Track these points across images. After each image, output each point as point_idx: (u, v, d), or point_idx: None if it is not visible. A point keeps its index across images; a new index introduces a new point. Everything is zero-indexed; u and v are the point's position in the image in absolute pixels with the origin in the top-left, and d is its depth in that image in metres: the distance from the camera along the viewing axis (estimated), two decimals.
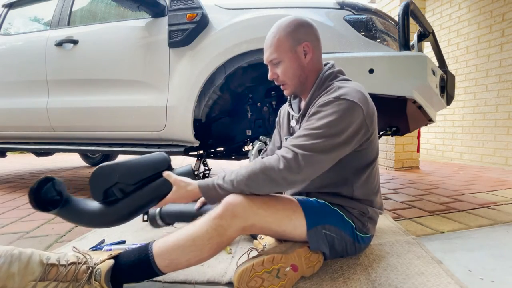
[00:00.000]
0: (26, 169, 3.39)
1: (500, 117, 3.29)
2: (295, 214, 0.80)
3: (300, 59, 0.87)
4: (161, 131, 1.70)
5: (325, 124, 0.76)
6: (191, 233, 0.72)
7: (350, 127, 0.76)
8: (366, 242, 0.91)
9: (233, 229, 0.73)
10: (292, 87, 0.91)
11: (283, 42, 0.86)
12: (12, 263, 0.63)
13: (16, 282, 0.62)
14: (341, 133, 0.76)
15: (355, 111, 0.77)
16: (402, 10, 1.29)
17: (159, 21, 1.68)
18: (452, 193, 1.90)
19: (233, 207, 0.73)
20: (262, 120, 1.75)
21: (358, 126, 0.78)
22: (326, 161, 0.76)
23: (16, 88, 2.07)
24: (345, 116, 0.76)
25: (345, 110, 0.76)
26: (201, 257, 0.72)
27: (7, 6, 2.33)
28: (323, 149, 0.75)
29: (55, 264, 0.67)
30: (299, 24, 0.87)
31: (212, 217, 0.73)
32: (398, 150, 3.09)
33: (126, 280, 0.71)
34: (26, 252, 0.66)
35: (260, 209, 0.75)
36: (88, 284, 0.66)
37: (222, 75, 1.53)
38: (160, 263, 0.70)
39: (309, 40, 0.87)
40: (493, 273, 0.84)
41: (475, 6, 3.54)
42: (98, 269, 0.68)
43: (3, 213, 1.55)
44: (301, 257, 0.78)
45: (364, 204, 0.88)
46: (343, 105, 0.76)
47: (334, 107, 0.77)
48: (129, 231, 1.20)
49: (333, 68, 0.90)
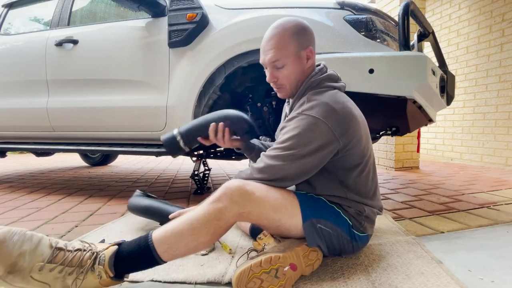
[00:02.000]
0: (26, 169, 3.40)
1: (500, 117, 3.29)
2: (291, 204, 0.82)
3: (302, 64, 0.88)
4: (161, 131, 1.71)
5: (288, 138, 0.81)
6: (190, 217, 0.74)
7: (313, 140, 0.79)
8: (363, 241, 0.91)
9: (230, 214, 0.74)
10: (289, 91, 0.91)
11: (289, 45, 0.85)
12: (24, 242, 0.65)
13: (26, 260, 0.64)
14: (304, 146, 0.79)
15: (317, 126, 0.79)
16: (402, 10, 1.29)
17: (159, 21, 1.68)
18: (452, 193, 1.90)
19: (231, 191, 0.75)
20: (262, 120, 1.75)
21: (324, 140, 0.80)
22: (291, 170, 0.81)
23: (16, 88, 2.07)
24: (305, 131, 0.80)
25: (305, 125, 0.80)
26: (198, 241, 0.73)
27: (7, 6, 2.33)
28: (285, 160, 0.80)
29: (63, 249, 0.68)
30: (304, 28, 0.87)
31: (210, 201, 0.75)
32: (398, 150, 3.09)
33: (127, 268, 0.72)
34: (37, 235, 0.68)
35: (258, 197, 0.77)
36: (91, 271, 0.68)
37: (222, 75, 1.53)
38: (159, 248, 0.71)
39: (313, 46, 0.89)
40: (493, 273, 0.84)
41: (475, 6, 3.54)
42: (103, 254, 0.70)
43: (3, 213, 1.55)
44: (300, 256, 0.78)
45: (361, 203, 0.89)
46: (304, 120, 0.80)
47: (296, 122, 0.81)
48: (129, 231, 1.20)
49: (320, 73, 0.90)
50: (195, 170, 1.91)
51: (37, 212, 1.56)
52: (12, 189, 2.22)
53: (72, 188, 2.21)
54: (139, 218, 1.38)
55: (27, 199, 1.87)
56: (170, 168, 3.38)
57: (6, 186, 2.32)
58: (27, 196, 1.96)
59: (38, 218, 1.45)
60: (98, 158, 3.79)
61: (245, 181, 0.79)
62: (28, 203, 1.76)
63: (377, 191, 0.95)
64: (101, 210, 1.59)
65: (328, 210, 0.86)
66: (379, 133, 1.87)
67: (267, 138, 1.65)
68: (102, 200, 1.82)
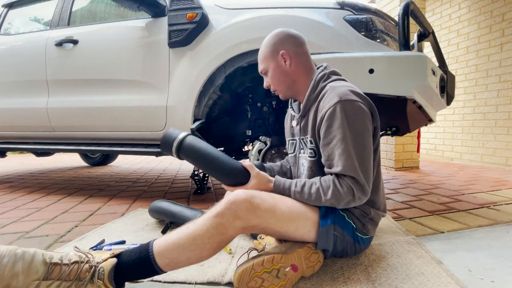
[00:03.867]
0: (26, 169, 3.40)
1: (500, 117, 3.29)
2: (299, 216, 0.80)
3: (281, 66, 0.95)
4: (161, 131, 1.70)
5: (343, 130, 0.80)
6: (191, 232, 0.72)
7: (364, 122, 0.82)
8: (366, 243, 0.91)
9: (234, 229, 0.72)
10: (282, 92, 0.99)
11: (266, 53, 0.96)
12: (16, 262, 0.63)
13: (20, 281, 0.62)
14: (362, 130, 0.81)
15: (359, 108, 0.82)
16: (402, 10, 1.29)
17: (159, 21, 1.68)
18: (452, 193, 1.90)
19: (236, 207, 0.72)
20: (262, 120, 1.75)
21: (368, 120, 0.83)
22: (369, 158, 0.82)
23: (16, 88, 2.07)
24: (354, 115, 0.81)
25: (351, 109, 0.81)
26: (201, 255, 0.72)
27: (7, 6, 2.33)
28: (361, 151, 0.80)
29: (58, 263, 0.67)
30: (276, 35, 0.96)
31: (213, 215, 0.72)
32: (398, 150, 3.09)
33: (128, 279, 0.71)
34: (29, 252, 0.66)
35: (264, 212, 0.75)
36: (91, 283, 0.66)
37: (222, 75, 1.53)
38: (160, 262, 0.70)
39: (286, 48, 0.94)
40: (493, 273, 0.84)
41: (475, 6, 3.54)
42: (101, 268, 0.68)
43: (3, 213, 1.55)
44: (301, 257, 0.78)
45: (367, 204, 0.88)
46: (347, 105, 0.81)
47: (340, 112, 0.81)
48: (129, 231, 1.20)
49: (325, 69, 0.95)
50: (195, 170, 1.91)
51: (37, 212, 1.56)
52: (12, 189, 2.22)
53: (72, 188, 2.21)
54: (139, 218, 1.38)
55: (27, 199, 1.87)
56: (170, 168, 3.38)
57: (6, 186, 2.32)
58: (27, 196, 1.96)
59: (38, 218, 1.45)
60: (98, 158, 3.79)
61: (252, 193, 0.75)
62: (28, 203, 1.76)
63: (382, 189, 0.94)
64: (101, 210, 1.59)
65: (337, 215, 0.85)
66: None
67: (267, 138, 1.65)
68: (102, 200, 1.82)
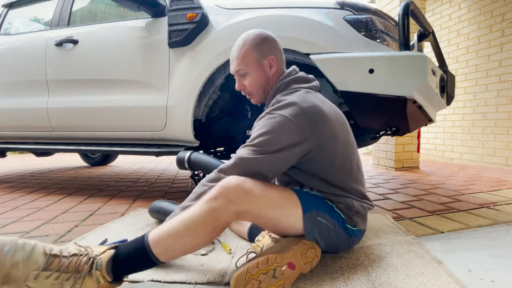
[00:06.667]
0: (26, 169, 3.40)
1: (500, 117, 3.29)
2: (289, 202, 0.82)
3: (265, 72, 0.95)
4: (161, 131, 1.70)
5: (256, 136, 0.82)
6: (185, 218, 0.72)
7: (281, 139, 0.80)
8: (357, 235, 0.91)
9: (227, 214, 0.73)
10: (258, 97, 0.99)
11: (249, 55, 0.93)
12: (16, 252, 0.64)
13: (20, 270, 0.63)
14: (272, 144, 0.80)
15: (284, 124, 0.80)
16: (402, 10, 1.29)
17: (159, 21, 1.68)
18: (452, 193, 1.90)
19: (228, 191, 0.73)
20: None
21: (292, 139, 0.80)
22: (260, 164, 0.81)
23: (16, 88, 2.06)
24: (273, 130, 0.80)
25: (273, 124, 0.81)
26: (196, 242, 0.72)
27: (7, 6, 2.33)
28: (255, 155, 0.81)
29: (58, 255, 0.68)
30: (265, 38, 0.94)
31: (206, 200, 0.73)
32: (398, 150, 3.09)
33: (125, 271, 0.71)
34: (30, 243, 0.67)
35: (257, 195, 0.76)
36: (89, 275, 0.67)
37: (222, 75, 1.53)
38: (156, 251, 0.70)
39: (274, 54, 0.94)
40: (493, 273, 0.84)
41: (475, 6, 3.54)
42: (99, 259, 0.69)
43: (3, 213, 1.55)
44: (297, 254, 0.78)
45: (348, 198, 0.89)
46: (271, 119, 0.82)
47: (264, 121, 0.83)
48: (129, 231, 1.20)
49: (287, 77, 0.94)
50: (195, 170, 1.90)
51: (37, 212, 1.56)
52: (12, 189, 2.22)
53: (72, 188, 2.21)
54: (139, 218, 1.39)
55: (27, 199, 1.87)
56: (170, 168, 3.38)
57: (6, 186, 2.32)
58: (27, 196, 1.95)
59: (38, 218, 1.45)
60: (98, 158, 3.78)
61: (243, 179, 0.77)
62: (28, 203, 1.76)
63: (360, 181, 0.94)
64: (101, 210, 1.59)
65: (324, 203, 0.87)
66: (379, 133, 1.87)
67: None
68: (102, 200, 1.82)
